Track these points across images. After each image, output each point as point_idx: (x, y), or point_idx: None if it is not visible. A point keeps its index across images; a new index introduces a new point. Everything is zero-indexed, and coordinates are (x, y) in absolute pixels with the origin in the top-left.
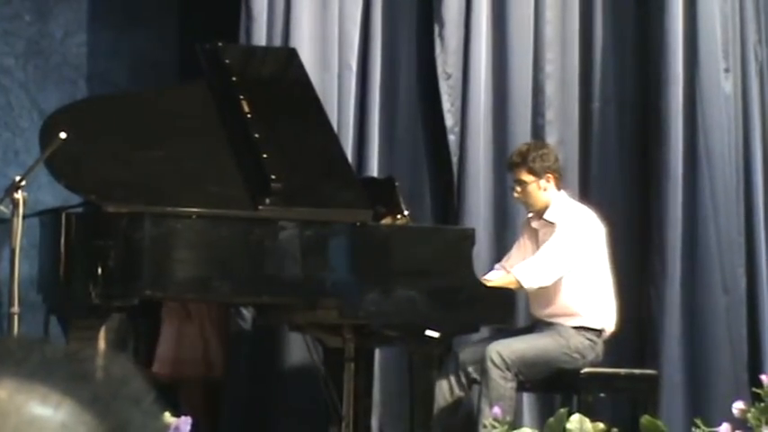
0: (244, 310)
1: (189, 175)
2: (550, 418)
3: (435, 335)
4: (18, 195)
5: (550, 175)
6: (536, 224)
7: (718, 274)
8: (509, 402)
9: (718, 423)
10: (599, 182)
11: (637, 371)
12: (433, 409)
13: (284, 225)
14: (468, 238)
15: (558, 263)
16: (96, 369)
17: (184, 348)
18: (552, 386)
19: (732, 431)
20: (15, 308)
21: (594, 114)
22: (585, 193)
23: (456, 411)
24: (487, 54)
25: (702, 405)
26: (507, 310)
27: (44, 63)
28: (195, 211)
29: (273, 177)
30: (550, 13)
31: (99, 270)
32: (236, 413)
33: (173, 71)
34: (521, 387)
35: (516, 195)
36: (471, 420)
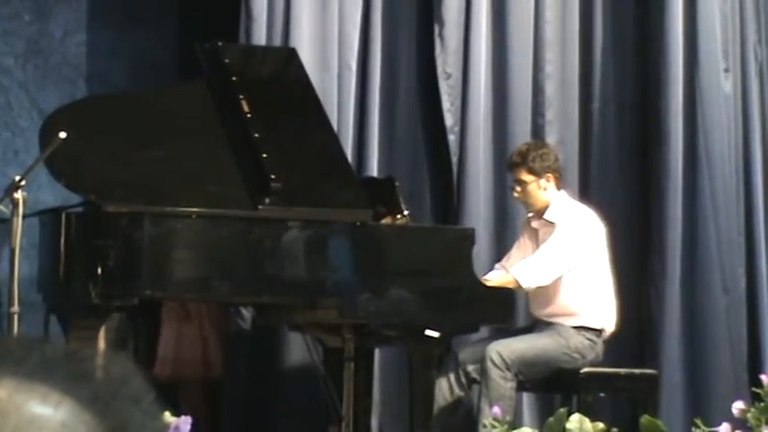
0: (243, 310)
1: (188, 175)
2: (550, 418)
3: (435, 335)
4: (18, 195)
5: (550, 175)
6: (536, 224)
7: (717, 274)
8: (509, 402)
9: (718, 423)
10: (599, 182)
11: (636, 371)
12: (432, 408)
13: (284, 225)
14: (468, 237)
15: (557, 263)
16: (96, 368)
17: (184, 349)
18: (552, 386)
19: (732, 431)
20: (15, 307)
21: (594, 114)
22: (585, 193)
23: (456, 411)
24: (487, 54)
25: (702, 405)
26: (507, 310)
27: (44, 63)
28: (195, 210)
29: (273, 177)
30: (550, 14)
31: (99, 270)
32: (235, 413)
33: (172, 71)
34: (520, 387)
35: (516, 195)
36: (471, 420)
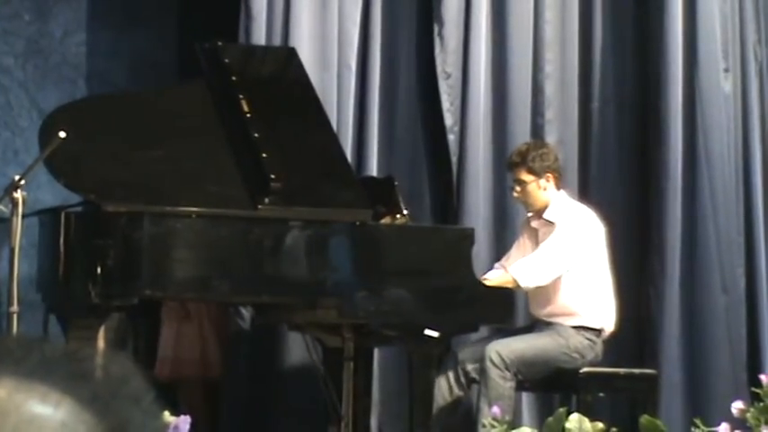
0: (243, 310)
1: (188, 175)
2: (549, 418)
3: (434, 334)
4: (17, 195)
5: (550, 175)
6: (536, 224)
7: (717, 274)
8: (508, 402)
9: (718, 423)
10: (598, 182)
11: (636, 370)
12: (432, 408)
13: (284, 225)
14: (468, 237)
15: (556, 262)
16: (96, 368)
17: (183, 348)
18: (551, 386)
19: (731, 431)
20: (15, 307)
21: (594, 114)
22: (585, 193)
23: (455, 411)
24: (487, 54)
25: (701, 405)
26: (506, 310)
27: (43, 62)
28: (194, 210)
29: (273, 177)
30: (550, 13)
31: (98, 269)
32: (235, 413)
33: (172, 71)
34: (520, 386)
35: (516, 195)
36: (470, 420)
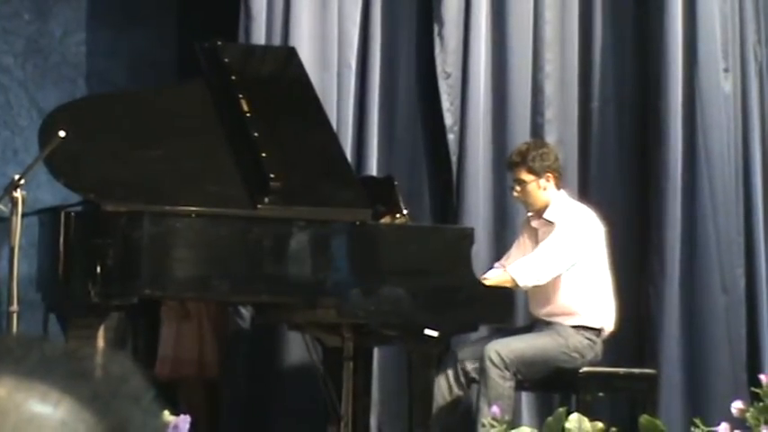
0: (242, 309)
1: (188, 174)
2: (549, 418)
3: (434, 334)
4: (17, 194)
5: (550, 175)
6: (536, 223)
7: (717, 274)
8: (507, 401)
9: (717, 423)
10: (598, 182)
11: (636, 370)
12: (431, 408)
13: (283, 224)
14: (468, 237)
15: (555, 262)
16: (95, 367)
17: (183, 348)
18: (551, 385)
19: (731, 431)
20: (14, 306)
21: (594, 114)
22: (585, 193)
23: (455, 410)
24: (487, 53)
25: (701, 405)
26: (506, 310)
27: (43, 62)
28: (194, 209)
29: (272, 176)
30: (550, 13)
31: (98, 269)
32: (234, 412)
33: (171, 70)
34: (519, 386)
35: (516, 195)
36: (470, 419)
